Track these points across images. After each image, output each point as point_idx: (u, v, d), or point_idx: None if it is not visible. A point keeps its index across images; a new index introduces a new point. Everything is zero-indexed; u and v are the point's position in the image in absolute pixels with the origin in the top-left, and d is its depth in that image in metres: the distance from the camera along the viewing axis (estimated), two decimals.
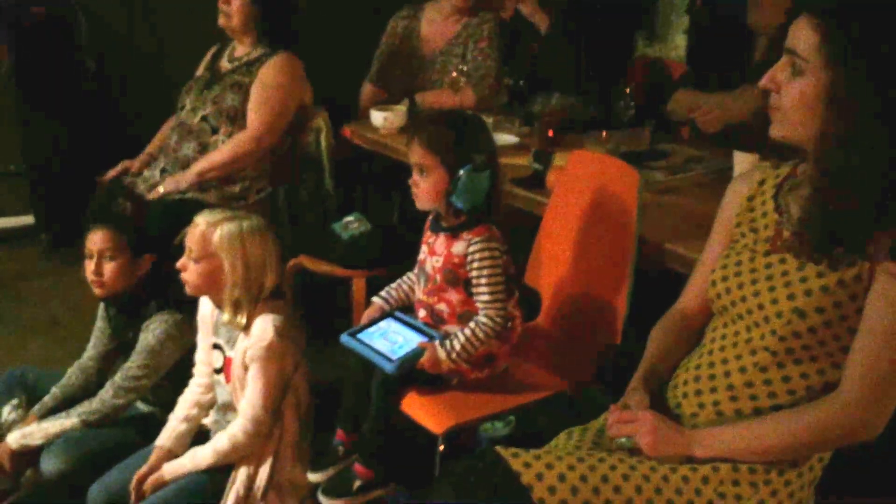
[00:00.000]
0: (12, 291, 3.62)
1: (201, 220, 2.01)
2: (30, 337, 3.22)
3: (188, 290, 2.04)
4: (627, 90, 2.90)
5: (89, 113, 3.93)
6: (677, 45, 4.50)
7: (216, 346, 2.10)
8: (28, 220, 4.09)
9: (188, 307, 2.18)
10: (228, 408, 2.08)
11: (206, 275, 2.00)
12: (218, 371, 2.10)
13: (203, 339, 2.15)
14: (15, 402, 2.28)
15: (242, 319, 1.98)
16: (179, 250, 2.05)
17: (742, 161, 2.19)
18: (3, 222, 4.14)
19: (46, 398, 2.27)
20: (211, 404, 2.15)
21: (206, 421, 2.17)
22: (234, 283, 1.97)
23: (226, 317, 2.01)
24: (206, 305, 2.13)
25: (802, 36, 1.37)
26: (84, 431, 2.15)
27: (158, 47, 4.09)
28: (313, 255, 2.88)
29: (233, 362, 2.03)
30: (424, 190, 1.93)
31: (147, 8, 4.12)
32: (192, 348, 2.19)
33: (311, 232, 2.98)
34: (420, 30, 3.52)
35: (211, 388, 2.14)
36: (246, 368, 1.98)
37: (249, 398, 1.97)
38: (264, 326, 1.97)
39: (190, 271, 2.01)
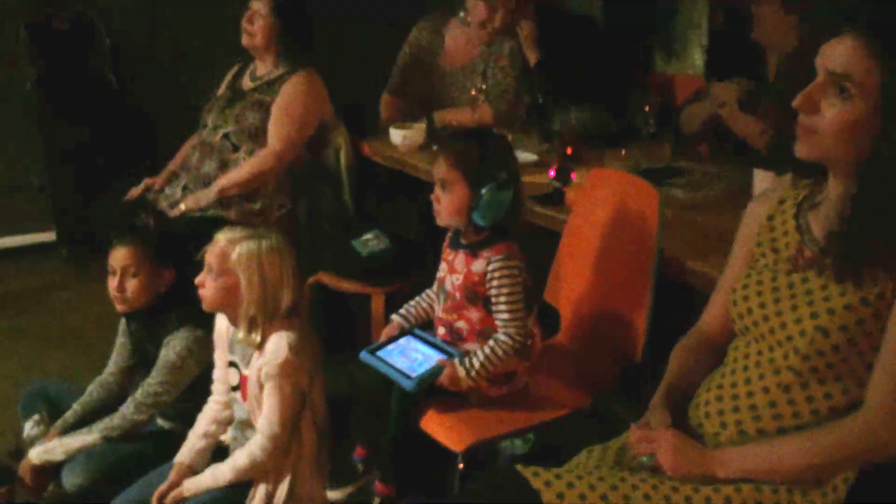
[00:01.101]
0: (34, 305, 3.66)
1: (222, 238, 2.03)
2: (52, 350, 3.25)
3: (205, 306, 2.05)
4: (647, 106, 2.90)
5: (112, 128, 3.97)
6: (695, 61, 4.52)
7: (232, 364, 2.11)
8: (49, 236, 4.13)
9: (209, 323, 2.19)
10: (246, 425, 2.09)
11: (223, 291, 2.00)
12: (234, 388, 2.11)
13: (219, 357, 2.16)
14: (37, 417, 2.30)
15: (257, 337, 1.99)
16: (200, 266, 2.06)
17: (762, 179, 2.18)
18: (25, 238, 4.18)
19: (67, 414, 2.29)
20: (229, 421, 2.16)
21: (225, 437, 2.17)
22: (250, 300, 1.98)
23: (240, 334, 2.02)
24: (221, 322, 2.14)
25: (850, 57, 1.34)
26: (105, 447, 2.16)
27: (180, 64, 4.14)
28: (332, 271, 2.90)
29: (248, 380, 2.03)
30: (446, 205, 1.93)
31: (169, 25, 4.17)
32: (211, 364, 2.20)
33: (330, 248, 2.99)
34: (443, 44, 3.53)
35: (229, 404, 2.15)
36: (262, 387, 1.99)
37: (266, 416, 1.98)
38: (278, 344, 1.97)
39: (208, 287, 2.02)
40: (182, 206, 2.87)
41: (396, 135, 3.09)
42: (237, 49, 3.05)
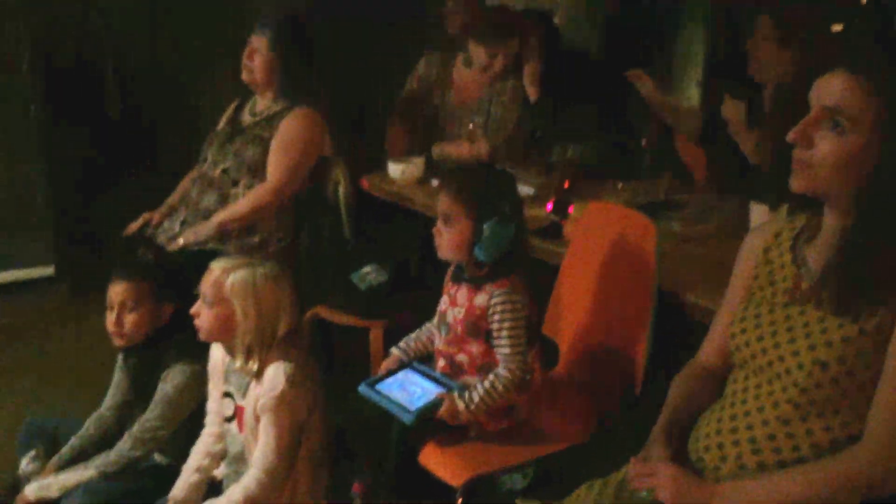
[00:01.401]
0: (33, 340, 3.65)
1: (216, 267, 2.02)
2: (49, 386, 3.23)
3: (201, 335, 2.04)
4: (644, 140, 2.92)
5: (115, 163, 3.99)
6: (690, 96, 4.56)
7: (227, 394, 2.10)
8: (48, 270, 4.13)
9: (206, 357, 2.18)
10: (240, 459, 2.07)
11: (219, 321, 2.00)
12: (229, 420, 2.09)
13: (214, 388, 2.15)
14: (33, 453, 2.29)
15: (254, 366, 1.98)
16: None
17: (758, 211, 2.19)
18: (24, 273, 4.18)
19: (64, 449, 2.27)
20: (223, 454, 2.14)
21: (218, 472, 2.15)
22: (246, 329, 1.97)
23: (237, 363, 2.01)
24: (217, 352, 2.13)
25: (844, 94, 1.36)
26: (102, 483, 2.15)
27: (185, 99, 4.14)
28: (331, 305, 2.90)
29: (245, 412, 2.02)
30: (448, 239, 1.94)
31: (175, 61, 4.18)
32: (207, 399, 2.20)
33: (329, 282, 3.00)
34: (451, 79, 3.56)
35: (222, 437, 2.13)
36: (258, 418, 1.98)
37: (262, 448, 1.96)
38: (276, 375, 1.96)
39: (203, 317, 2.01)
40: (181, 241, 2.87)
41: (395, 168, 3.11)
42: (241, 84, 3.07)
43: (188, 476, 2.10)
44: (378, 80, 4.00)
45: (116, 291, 2.24)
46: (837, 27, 3.19)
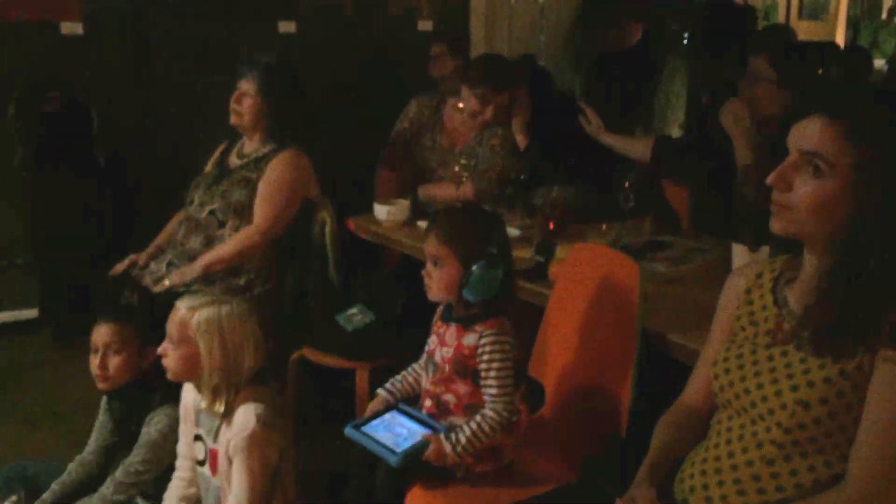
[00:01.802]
0: (15, 383, 3.61)
1: (182, 305, 2.00)
2: (31, 430, 3.19)
3: (169, 375, 2.02)
4: (627, 182, 2.96)
5: (99, 205, 3.99)
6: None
7: (197, 438, 2.08)
8: (32, 313, 4.10)
9: None
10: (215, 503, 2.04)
11: (185, 360, 1.97)
12: (201, 463, 2.07)
13: (185, 432, 2.12)
14: (14, 498, 2.25)
15: (220, 407, 1.95)
16: None
17: (740, 253, 2.21)
18: (8, 315, 4.14)
19: (46, 494, 2.25)
20: (197, 498, 2.11)
21: None
22: (212, 368, 1.95)
23: (204, 403, 1.98)
24: (188, 395, 2.11)
25: (821, 137, 1.38)
26: None
27: (171, 144, 4.16)
28: (317, 346, 2.89)
29: (218, 455, 2.00)
30: (437, 281, 1.95)
31: (159, 105, 4.21)
32: None
33: (315, 323, 3.00)
34: (442, 123, 3.59)
35: (194, 481, 2.11)
36: (231, 461, 1.95)
37: (235, 493, 1.93)
38: (246, 416, 1.93)
39: (170, 357, 1.99)
40: (166, 282, 2.87)
41: (381, 210, 3.13)
42: (227, 129, 3.10)
43: None
44: (364, 123, 4.05)
45: (100, 334, 2.23)
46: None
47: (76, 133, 3.94)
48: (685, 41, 4.91)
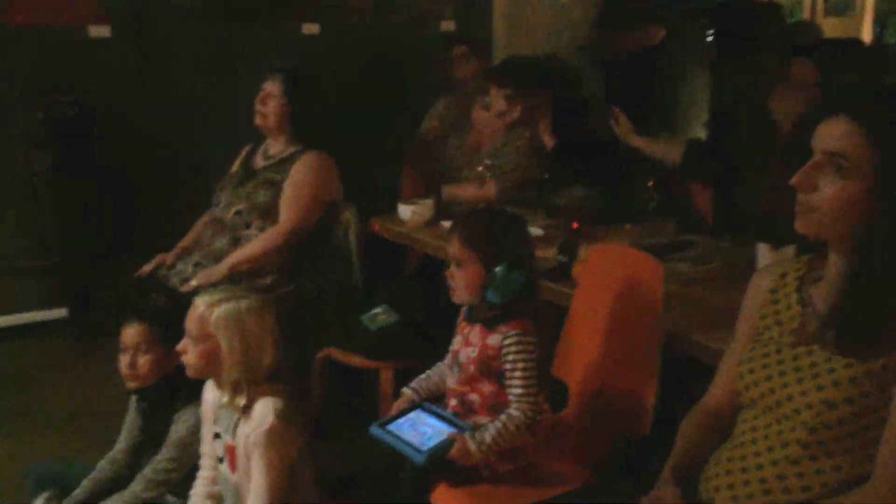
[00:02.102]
0: (38, 385, 3.63)
1: (200, 302, 2.02)
2: (51, 431, 3.20)
3: (189, 372, 2.03)
4: (650, 182, 2.96)
5: (124, 206, 4.04)
6: (698, 138, 4.58)
7: (216, 435, 2.09)
8: (61, 313, 4.14)
9: None
10: (235, 501, 2.05)
11: (205, 356, 1.99)
12: (220, 460, 2.08)
13: (206, 429, 2.14)
14: (47, 494, 2.29)
15: (241, 401, 1.96)
16: None
17: (765, 252, 2.21)
18: (34, 315, 4.18)
19: (77, 491, 2.28)
20: (222, 496, 2.13)
21: None
22: (232, 363, 1.96)
23: (225, 398, 2.00)
24: (208, 394, 2.12)
25: (845, 138, 1.39)
26: None
27: (189, 145, 4.16)
28: (341, 347, 2.91)
29: (237, 450, 2.01)
30: (460, 283, 1.97)
31: (172, 107, 4.22)
32: None
33: (339, 324, 3.02)
34: (471, 123, 3.60)
35: (216, 479, 2.12)
36: (250, 457, 1.95)
37: (255, 489, 1.94)
38: (264, 410, 1.94)
39: (190, 353, 2.01)
40: (193, 283, 2.91)
41: (405, 210, 3.14)
42: (244, 130, 3.12)
43: None
44: (386, 125, 4.06)
45: (129, 334, 2.26)
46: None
47: (90, 140, 3.98)
48: (707, 41, 4.87)
